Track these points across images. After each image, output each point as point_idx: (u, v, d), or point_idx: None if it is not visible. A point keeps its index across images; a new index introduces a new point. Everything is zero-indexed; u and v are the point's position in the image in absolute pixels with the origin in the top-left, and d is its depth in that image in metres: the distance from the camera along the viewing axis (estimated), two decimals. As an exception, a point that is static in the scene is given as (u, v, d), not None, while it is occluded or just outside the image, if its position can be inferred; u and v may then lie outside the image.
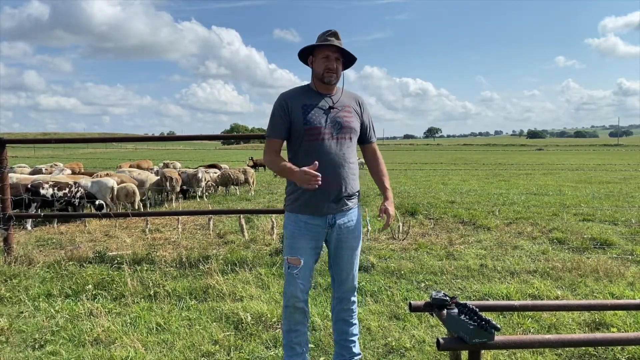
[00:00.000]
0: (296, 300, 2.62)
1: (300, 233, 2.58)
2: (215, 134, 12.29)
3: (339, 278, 2.73)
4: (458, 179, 15.84)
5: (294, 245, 2.59)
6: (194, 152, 38.57)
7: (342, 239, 2.64)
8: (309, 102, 2.56)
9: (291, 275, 2.59)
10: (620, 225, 7.26)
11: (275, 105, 2.61)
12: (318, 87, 2.61)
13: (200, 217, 7.99)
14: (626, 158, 32.29)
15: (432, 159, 28.78)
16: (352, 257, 2.70)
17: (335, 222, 2.59)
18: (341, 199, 2.57)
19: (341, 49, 2.54)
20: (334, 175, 2.52)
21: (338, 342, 2.81)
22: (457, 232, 6.84)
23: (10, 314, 3.80)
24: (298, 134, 2.54)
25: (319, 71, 2.55)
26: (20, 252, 5.39)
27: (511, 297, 4.09)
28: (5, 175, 5.41)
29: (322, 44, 2.53)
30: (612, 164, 21.90)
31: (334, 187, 2.53)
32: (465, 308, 2.10)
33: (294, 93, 2.62)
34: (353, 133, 2.61)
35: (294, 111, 2.54)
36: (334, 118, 2.55)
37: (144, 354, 3.08)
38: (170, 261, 5.15)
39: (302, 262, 2.58)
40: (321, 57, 2.54)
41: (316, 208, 2.54)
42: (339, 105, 2.60)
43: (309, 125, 2.50)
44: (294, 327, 2.68)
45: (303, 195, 2.55)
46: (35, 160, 21.15)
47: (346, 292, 2.75)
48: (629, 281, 4.48)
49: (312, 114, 2.53)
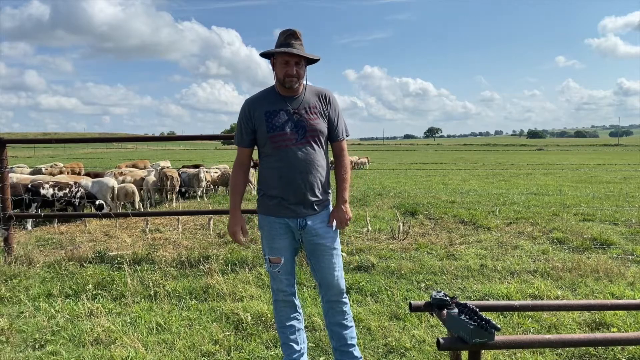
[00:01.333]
0: (284, 294, 2.67)
1: (277, 233, 2.61)
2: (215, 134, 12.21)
3: (325, 282, 2.68)
4: (458, 179, 15.83)
5: (273, 245, 2.63)
6: (194, 152, 38.56)
7: (317, 241, 2.61)
8: (272, 108, 2.53)
9: (274, 273, 2.66)
10: (620, 225, 7.26)
11: (240, 112, 2.60)
12: (281, 90, 2.57)
13: (200, 217, 7.99)
14: (626, 158, 32.28)
15: (432, 159, 28.76)
16: (331, 258, 2.64)
17: (306, 223, 2.57)
18: (308, 202, 2.56)
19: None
20: (301, 180, 2.51)
21: (337, 349, 2.74)
22: (457, 232, 6.83)
23: (10, 314, 3.80)
24: (263, 140, 2.54)
25: (279, 76, 2.51)
26: (21, 252, 5.39)
27: (511, 297, 4.09)
28: (6, 175, 5.41)
29: (279, 51, 2.46)
30: (613, 164, 21.89)
31: (301, 190, 2.52)
32: (465, 308, 2.10)
33: (258, 98, 2.60)
34: (319, 135, 2.55)
35: (258, 117, 2.53)
36: (298, 122, 2.51)
37: (144, 354, 3.08)
38: (171, 261, 5.15)
39: (282, 260, 2.62)
40: (280, 61, 2.49)
41: (286, 211, 2.56)
42: (304, 106, 2.55)
43: (273, 133, 2.49)
44: (287, 322, 2.70)
45: (272, 199, 2.57)
46: (36, 160, 21.15)
47: (335, 295, 2.70)
48: (629, 281, 4.48)
49: (276, 120, 2.50)
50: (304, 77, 2.57)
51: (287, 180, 2.51)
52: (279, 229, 2.60)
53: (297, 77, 2.50)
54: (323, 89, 2.67)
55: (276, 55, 2.51)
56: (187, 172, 11.80)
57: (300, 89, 2.60)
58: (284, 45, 2.47)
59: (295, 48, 2.46)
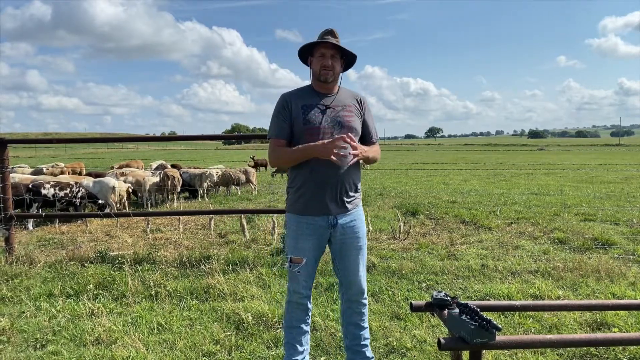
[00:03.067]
0: (299, 296, 2.64)
1: (303, 233, 2.57)
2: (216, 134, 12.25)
3: (346, 281, 2.69)
4: (459, 179, 15.83)
5: (297, 245, 2.60)
6: (195, 152, 38.57)
7: (346, 240, 2.61)
8: (308, 102, 2.55)
9: (294, 273, 2.62)
10: (621, 225, 7.25)
11: (277, 105, 2.61)
12: (317, 87, 2.60)
13: (201, 217, 8.00)
14: (627, 158, 32.23)
15: (433, 159, 28.75)
16: (357, 258, 2.65)
17: (337, 222, 2.56)
18: (342, 200, 2.56)
19: (337, 46, 2.53)
20: (334, 176, 2.50)
21: (350, 348, 2.75)
22: (458, 232, 6.83)
23: (11, 313, 3.80)
24: (298, 134, 2.53)
25: (316, 70, 2.56)
26: (22, 252, 5.40)
27: (512, 297, 4.09)
28: (7, 175, 5.42)
29: (317, 42, 2.53)
30: (614, 164, 21.87)
31: (334, 187, 2.52)
32: (466, 308, 2.10)
33: (295, 93, 2.62)
34: (354, 133, 2.56)
35: (294, 111, 2.54)
36: (334, 117, 2.53)
37: (145, 353, 3.08)
38: (172, 261, 5.15)
39: (304, 261, 2.59)
40: (317, 55, 2.55)
41: (317, 208, 2.54)
42: (339, 104, 2.58)
43: (308, 125, 2.50)
44: (295, 324, 2.69)
45: (304, 196, 2.55)
46: (37, 160, 21.18)
47: (355, 295, 2.70)
48: (630, 281, 4.47)
49: (312, 113, 2.52)
50: (339, 75, 2.60)
51: (320, 176, 2.49)
52: (306, 229, 2.57)
53: (332, 69, 2.52)
54: (358, 93, 2.72)
55: (313, 51, 2.57)
56: (188, 172, 11.82)
57: (336, 89, 2.63)
58: (321, 40, 2.53)
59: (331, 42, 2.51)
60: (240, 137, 17.84)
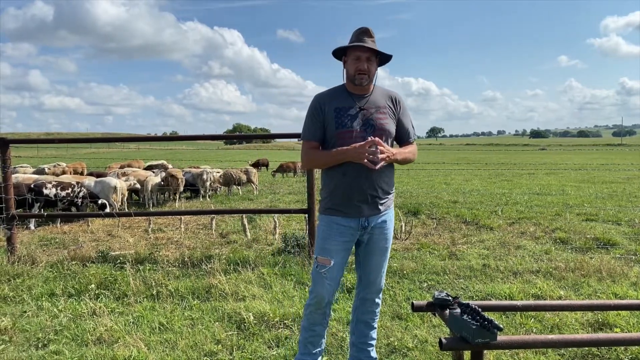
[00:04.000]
0: (321, 301, 2.61)
1: (333, 234, 2.56)
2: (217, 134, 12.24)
3: (367, 279, 2.69)
4: (461, 179, 15.81)
5: (325, 246, 2.58)
6: (196, 152, 38.60)
7: (374, 239, 2.61)
8: (341, 105, 2.52)
9: (319, 274, 2.59)
10: (623, 225, 7.23)
11: (310, 106, 2.59)
12: (351, 88, 2.57)
13: (202, 217, 8.00)
14: (629, 158, 32.16)
15: (434, 159, 28.73)
16: (381, 258, 2.66)
17: (368, 224, 2.55)
18: (374, 202, 2.54)
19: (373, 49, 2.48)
20: (366, 178, 2.48)
21: (356, 345, 2.76)
22: (459, 232, 6.82)
23: (13, 313, 3.81)
24: (331, 137, 2.51)
25: (350, 73, 2.52)
26: (24, 251, 5.40)
27: (514, 297, 4.08)
28: (9, 175, 5.43)
29: (352, 45, 2.48)
30: (616, 164, 21.82)
31: (366, 190, 2.49)
32: (467, 308, 2.09)
33: (328, 95, 2.59)
34: (387, 135, 2.52)
35: (327, 113, 2.51)
36: (366, 120, 2.50)
37: (147, 353, 3.08)
38: (173, 261, 5.16)
39: (332, 262, 2.56)
40: (352, 58, 2.50)
41: (349, 211, 2.52)
42: (373, 106, 2.54)
43: (341, 129, 2.47)
44: (312, 327, 2.68)
45: (335, 198, 2.54)
46: (39, 160, 21.22)
47: (372, 293, 2.72)
48: (632, 281, 4.46)
49: (344, 116, 2.49)
50: (374, 76, 2.56)
51: (352, 178, 2.47)
52: (336, 230, 2.55)
53: (367, 73, 2.49)
54: (393, 91, 2.67)
55: (348, 52, 2.53)
56: (190, 172, 11.83)
57: (370, 88, 2.58)
58: (357, 42, 2.48)
59: (367, 44, 2.47)
60: (241, 137, 17.85)
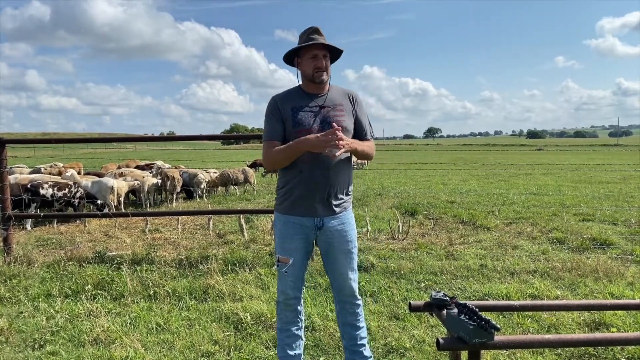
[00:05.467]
0: (286, 297, 2.63)
1: (289, 233, 2.57)
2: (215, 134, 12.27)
3: (336, 283, 2.68)
4: (458, 179, 15.84)
5: (284, 245, 2.59)
6: (194, 152, 38.53)
7: (333, 242, 2.59)
8: (298, 104, 2.52)
9: (281, 273, 2.62)
10: (620, 225, 7.26)
11: (267, 108, 2.58)
12: (308, 88, 2.56)
13: (200, 217, 7.99)
14: (626, 158, 32.28)
15: (432, 159, 28.78)
16: (346, 261, 2.63)
17: (323, 224, 2.54)
18: (329, 202, 2.52)
19: (327, 45, 2.48)
20: (321, 177, 2.47)
21: (348, 348, 2.76)
22: (456, 232, 6.83)
23: (9, 314, 3.79)
24: (289, 136, 2.50)
25: (308, 72, 2.50)
26: (20, 252, 5.38)
27: (511, 297, 4.09)
28: (5, 175, 5.41)
29: (308, 44, 2.47)
30: (612, 164, 21.90)
31: (322, 189, 2.49)
32: (465, 308, 2.10)
33: (284, 95, 2.58)
34: (345, 133, 2.49)
35: (284, 113, 2.51)
36: (324, 118, 2.50)
37: (144, 354, 3.08)
38: (170, 261, 5.15)
39: (291, 261, 2.58)
40: (308, 57, 2.49)
41: (304, 209, 2.53)
42: (330, 104, 2.54)
43: (299, 128, 2.47)
44: (285, 327, 2.69)
45: (291, 196, 2.54)
46: (35, 160, 21.14)
47: (346, 297, 2.69)
48: (628, 281, 4.48)
49: (301, 115, 2.49)
50: (329, 74, 2.55)
51: (309, 177, 2.47)
52: (292, 228, 2.56)
53: (326, 70, 2.49)
54: (349, 90, 2.66)
55: (302, 53, 2.52)
56: (188, 172, 11.82)
57: (327, 88, 2.58)
58: (308, 41, 2.48)
59: (321, 42, 2.47)
60: (239, 137, 17.83)
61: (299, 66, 2.57)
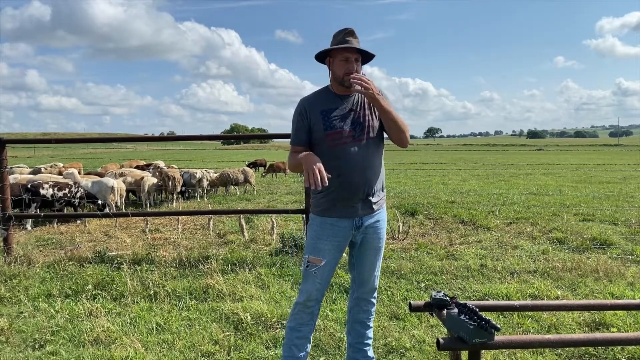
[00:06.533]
0: (309, 298, 2.60)
1: (325, 235, 2.55)
2: (215, 134, 12.29)
3: (360, 278, 2.69)
4: (458, 179, 15.84)
5: (317, 245, 2.57)
6: (193, 152, 38.53)
7: (367, 239, 2.61)
8: (327, 107, 2.52)
9: (309, 273, 2.58)
10: (620, 225, 7.26)
11: (295, 111, 2.59)
12: (337, 90, 2.56)
13: (200, 217, 7.99)
14: (626, 158, 32.29)
15: (432, 159, 28.78)
16: (375, 258, 2.66)
17: (362, 224, 2.55)
18: (368, 202, 2.54)
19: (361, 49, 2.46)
20: (359, 178, 2.47)
21: (353, 345, 2.75)
22: (457, 232, 6.83)
23: (10, 314, 3.79)
24: (319, 140, 2.50)
25: (338, 74, 2.49)
26: (20, 252, 5.39)
27: (511, 297, 4.09)
28: (5, 175, 5.41)
29: (341, 47, 2.45)
30: (612, 164, 21.90)
31: (360, 190, 2.49)
32: (465, 308, 2.10)
33: (313, 98, 2.58)
34: (375, 131, 2.53)
35: (313, 117, 2.51)
36: (355, 120, 2.50)
37: (144, 354, 3.08)
38: (170, 261, 5.15)
39: (323, 262, 2.55)
40: (340, 59, 2.48)
41: (342, 211, 2.52)
42: (359, 104, 2.54)
43: (330, 131, 2.47)
44: (298, 327, 2.65)
45: (330, 200, 2.52)
46: (35, 160, 21.13)
47: (366, 293, 2.71)
48: (629, 281, 4.48)
49: (332, 118, 2.48)
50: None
51: (345, 178, 2.46)
52: (329, 230, 2.55)
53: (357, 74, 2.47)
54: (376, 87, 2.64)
55: (333, 53, 2.51)
56: (189, 172, 11.82)
57: None
58: (342, 42, 2.47)
59: (355, 45, 2.46)
60: (239, 137, 17.82)
61: (330, 66, 2.56)
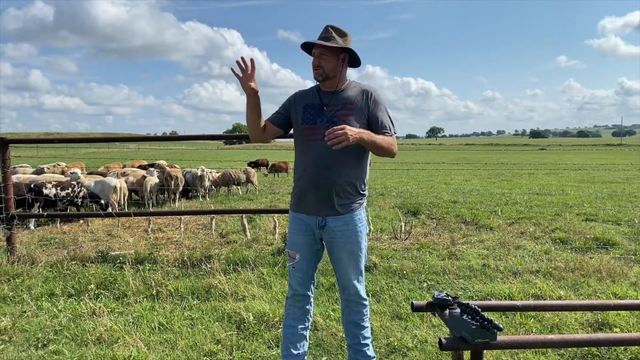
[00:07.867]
0: (295, 294, 2.67)
1: (295, 229, 2.63)
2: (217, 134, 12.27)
3: (341, 282, 2.69)
4: (460, 179, 15.82)
5: (291, 240, 2.66)
6: (196, 152, 38.59)
7: (337, 242, 2.56)
8: (311, 102, 2.57)
9: (290, 267, 2.69)
10: (623, 225, 7.24)
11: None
12: (323, 86, 2.59)
13: (202, 217, 8.00)
14: (629, 158, 32.18)
15: (434, 159, 28.75)
16: (350, 262, 2.59)
17: (325, 224, 2.52)
18: (331, 202, 2.49)
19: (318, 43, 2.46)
20: (325, 177, 2.46)
21: (351, 347, 2.76)
22: (459, 232, 6.82)
23: (13, 313, 3.81)
24: (298, 132, 2.58)
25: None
26: (23, 251, 5.40)
27: (514, 297, 4.08)
28: (8, 175, 5.43)
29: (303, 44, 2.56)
30: (615, 164, 21.83)
31: (323, 188, 2.47)
32: (467, 308, 2.09)
33: (305, 92, 2.66)
34: None
35: (297, 109, 2.59)
36: (330, 117, 2.48)
37: (147, 353, 3.08)
38: (173, 261, 5.16)
39: (297, 256, 2.62)
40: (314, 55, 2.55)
41: (306, 207, 2.56)
42: (340, 102, 2.50)
43: (305, 125, 2.53)
44: (292, 323, 2.69)
45: (297, 194, 2.60)
46: (38, 160, 21.20)
47: (351, 296, 2.67)
48: (632, 281, 4.46)
49: (309, 113, 2.54)
50: (339, 72, 2.51)
51: (311, 175, 2.48)
52: (298, 224, 2.60)
53: (321, 68, 2.49)
54: (368, 86, 2.60)
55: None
56: (190, 172, 11.84)
57: (340, 86, 2.56)
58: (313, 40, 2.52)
59: (314, 41, 2.49)
60: (241, 137, 17.84)
61: None
